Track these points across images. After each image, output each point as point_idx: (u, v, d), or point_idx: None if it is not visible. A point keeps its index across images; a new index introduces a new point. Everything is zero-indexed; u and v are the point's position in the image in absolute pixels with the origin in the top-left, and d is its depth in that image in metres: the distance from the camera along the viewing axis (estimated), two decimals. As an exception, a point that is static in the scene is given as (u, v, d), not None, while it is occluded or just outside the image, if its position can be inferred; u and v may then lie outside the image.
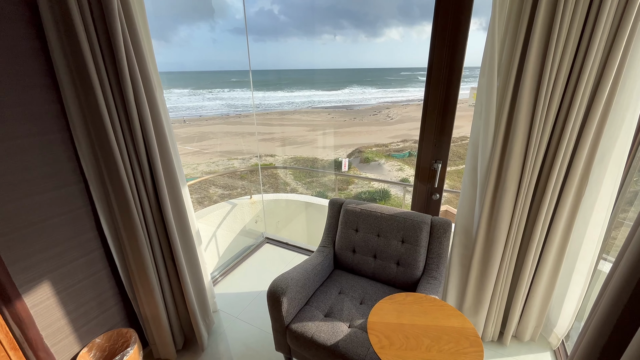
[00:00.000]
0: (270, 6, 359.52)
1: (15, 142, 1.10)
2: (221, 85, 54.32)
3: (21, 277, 1.19)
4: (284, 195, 4.07)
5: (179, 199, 1.51)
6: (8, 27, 1.03)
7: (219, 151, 20.10)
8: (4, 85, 1.05)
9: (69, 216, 1.30)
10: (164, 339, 1.64)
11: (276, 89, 48.44)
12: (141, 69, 1.24)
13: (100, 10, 1.10)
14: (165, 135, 1.39)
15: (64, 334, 1.37)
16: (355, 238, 1.79)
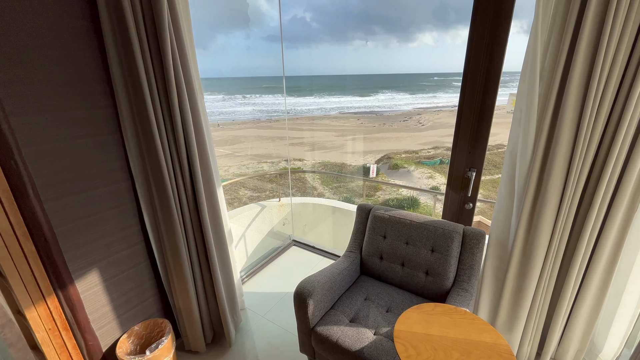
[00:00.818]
0: (302, 14, 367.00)
1: (76, 141, 1.22)
2: (253, 90, 56.11)
3: (75, 264, 1.31)
4: (311, 199, 4.11)
5: (214, 199, 1.59)
6: (76, 40, 1.16)
7: (249, 154, 20.73)
8: (70, 90, 1.17)
9: (116, 211, 1.41)
10: (194, 332, 1.72)
11: (306, 94, 49.18)
12: (185, 76, 1.33)
13: (152, 24, 1.20)
14: (204, 138, 1.47)
15: (108, 320, 1.49)
16: (383, 245, 1.77)
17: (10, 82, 1.03)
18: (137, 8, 1.16)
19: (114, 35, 1.19)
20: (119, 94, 1.26)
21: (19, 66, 1.05)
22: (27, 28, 1.04)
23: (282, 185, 7.90)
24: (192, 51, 1.41)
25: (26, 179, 1.10)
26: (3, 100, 1.02)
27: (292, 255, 2.82)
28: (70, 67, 1.16)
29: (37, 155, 1.13)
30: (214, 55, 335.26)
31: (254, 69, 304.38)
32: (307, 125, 28.88)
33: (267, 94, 50.47)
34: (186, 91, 1.34)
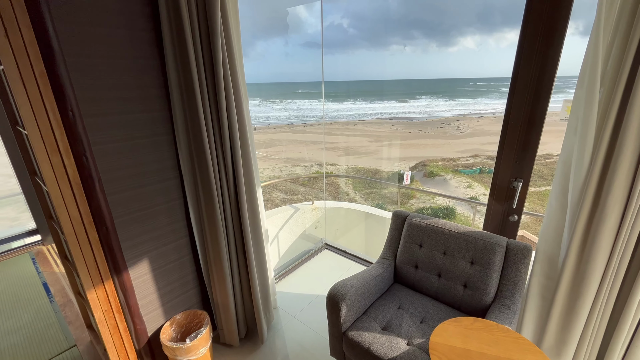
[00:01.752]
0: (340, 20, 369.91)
1: (135, 141, 1.35)
2: (290, 96, 57.42)
3: (129, 252, 1.43)
4: (344, 204, 4.11)
5: (253, 199, 1.66)
6: (141, 50, 1.28)
7: (283, 157, 21.19)
8: (133, 95, 1.30)
9: (166, 206, 1.53)
10: (230, 326, 1.79)
11: (342, 99, 49.35)
12: (233, 82, 1.41)
13: (207, 34, 1.30)
14: (247, 141, 1.55)
15: (154, 307, 1.60)
16: (419, 254, 1.73)
17: (86, 87, 1.17)
18: (194, 18, 1.26)
19: (173, 44, 1.30)
20: (174, 99, 1.37)
21: (95, 73, 1.18)
22: (103, 40, 1.18)
23: (313, 189, 7.97)
24: (240, 58, 1.49)
25: (94, 173, 1.23)
26: (80, 103, 1.16)
27: (324, 258, 2.83)
28: (134, 74, 1.29)
29: (103, 153, 1.27)
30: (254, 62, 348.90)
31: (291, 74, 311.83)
32: (341, 130, 28.94)
33: (302, 99, 51.40)
34: (233, 96, 1.42)
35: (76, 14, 1.10)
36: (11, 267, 2.83)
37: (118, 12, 1.20)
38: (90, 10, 1.13)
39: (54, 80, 1.08)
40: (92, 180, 1.23)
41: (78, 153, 1.18)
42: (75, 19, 1.10)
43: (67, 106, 1.12)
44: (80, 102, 1.16)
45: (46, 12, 1.02)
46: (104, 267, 1.35)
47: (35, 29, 1.02)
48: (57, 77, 1.08)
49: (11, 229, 3.35)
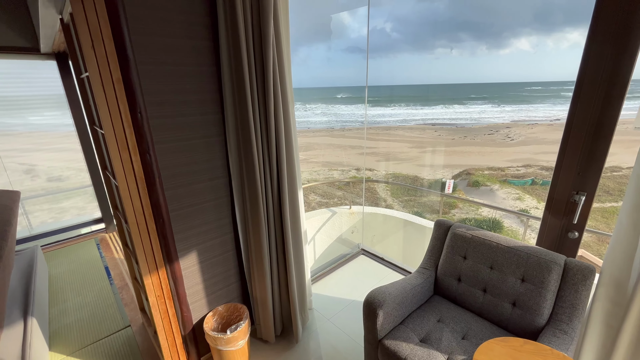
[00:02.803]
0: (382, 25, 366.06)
1: (191, 142, 1.46)
2: (329, 100, 57.93)
3: (180, 244, 1.55)
4: (382, 210, 4.05)
5: (295, 200, 1.70)
6: (200, 57, 1.39)
7: (321, 161, 21.39)
8: (191, 99, 1.41)
9: (214, 203, 1.63)
10: (267, 322, 1.85)
11: (382, 104, 48.67)
12: (282, 87, 1.47)
13: (260, 42, 1.37)
14: (292, 144, 1.60)
15: (199, 297, 1.71)
16: (463, 266, 1.64)
17: (153, 92, 1.29)
18: (248, 28, 1.34)
19: (229, 52, 1.39)
20: (227, 102, 1.46)
21: (161, 79, 1.30)
22: (169, 49, 1.30)
23: (350, 193, 7.93)
24: (289, 65, 1.55)
25: (155, 169, 1.36)
26: (147, 106, 1.28)
27: (360, 264, 2.81)
28: (193, 80, 1.40)
29: (163, 152, 1.39)
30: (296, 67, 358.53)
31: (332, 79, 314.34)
32: (381, 135, 28.52)
33: (342, 104, 51.56)
34: (281, 101, 1.48)
35: (148, 27, 1.23)
36: (79, 251, 3.20)
37: (182, 24, 1.31)
38: (160, 23, 1.25)
39: (128, 86, 1.22)
40: (153, 175, 1.35)
41: (143, 151, 1.31)
42: (147, 31, 1.23)
43: (137, 109, 1.25)
44: (147, 105, 1.29)
45: (124, 26, 1.15)
46: (159, 256, 1.48)
47: (116, 41, 1.16)
48: (130, 83, 1.22)
49: (80, 217, 3.78)
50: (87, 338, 2.01)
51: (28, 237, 3.29)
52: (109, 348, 1.93)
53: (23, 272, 2.22)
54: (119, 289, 2.53)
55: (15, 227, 1.89)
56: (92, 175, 3.41)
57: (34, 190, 3.97)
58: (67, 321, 2.17)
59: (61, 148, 3.46)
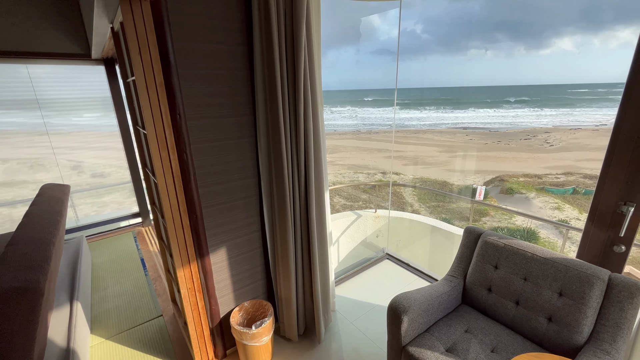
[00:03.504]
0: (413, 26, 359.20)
1: (224, 142, 1.52)
2: (357, 103, 57.68)
3: (211, 240, 1.62)
4: (408, 215, 3.97)
5: (321, 201, 1.72)
6: (235, 61, 1.46)
7: (346, 164, 21.32)
8: (226, 101, 1.48)
9: (244, 201, 1.68)
10: (290, 320, 1.88)
11: (411, 107, 47.70)
12: (312, 90, 1.50)
13: (292, 46, 1.41)
14: (320, 146, 1.62)
15: (227, 291, 1.77)
16: (494, 276, 1.58)
17: (191, 94, 1.37)
18: (281, 33, 1.39)
19: (262, 56, 1.44)
20: (259, 105, 1.52)
21: (198, 83, 1.38)
22: (206, 54, 1.37)
23: (376, 197, 7.83)
24: (319, 69, 1.58)
25: (191, 168, 1.43)
26: (185, 108, 1.36)
27: (385, 268, 2.77)
28: (228, 83, 1.46)
29: (198, 151, 1.46)
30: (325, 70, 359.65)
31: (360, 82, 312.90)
32: (409, 138, 27.92)
33: (369, 107, 51.14)
34: (311, 104, 1.51)
35: (189, 33, 1.30)
36: (118, 243, 3.43)
37: (220, 30, 1.38)
38: (200, 30, 1.33)
39: (169, 89, 1.30)
40: (188, 173, 1.43)
41: (180, 150, 1.39)
42: (187, 37, 1.30)
43: (176, 110, 1.33)
44: (185, 107, 1.36)
45: (168, 33, 1.23)
46: (191, 250, 1.56)
47: (160, 47, 1.24)
48: (171, 86, 1.30)
49: (119, 211, 4.04)
50: (124, 324, 2.15)
51: (75, 227, 3.57)
52: (143, 335, 2.05)
53: (70, 259, 2.41)
54: (153, 280, 2.68)
55: (65, 217, 2.07)
56: (131, 172, 3.65)
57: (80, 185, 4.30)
58: (107, 307, 2.34)
59: (104, 147, 3.74)
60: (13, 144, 4.25)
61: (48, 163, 3.62)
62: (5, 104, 3.00)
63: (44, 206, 1.93)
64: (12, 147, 4.21)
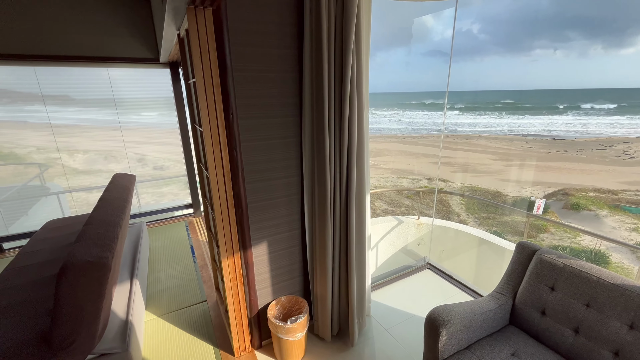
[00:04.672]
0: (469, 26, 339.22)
1: (271, 141, 1.59)
2: (404, 106, 56.07)
3: (254, 234, 1.69)
4: (454, 225, 3.76)
5: (362, 204, 1.72)
6: (285, 64, 1.51)
7: (390, 168, 20.82)
8: (275, 102, 1.54)
9: (286, 199, 1.74)
10: (325, 320, 1.90)
11: (463, 111, 45.09)
12: (358, 92, 1.51)
13: (341, 48, 1.43)
14: (363, 149, 1.62)
15: (265, 285, 1.84)
16: (549, 298, 1.44)
17: (243, 95, 1.45)
18: (331, 36, 1.41)
19: (311, 58, 1.48)
20: (305, 106, 1.56)
21: (250, 84, 1.46)
22: (259, 58, 1.44)
23: (419, 204, 7.54)
24: (367, 70, 1.58)
25: (239, 165, 1.52)
26: (238, 108, 1.45)
27: (425, 278, 2.66)
28: (278, 85, 1.53)
29: (247, 149, 1.54)
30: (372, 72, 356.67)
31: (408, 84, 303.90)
32: (459, 144, 26.43)
33: (417, 110, 49.40)
34: (356, 106, 1.52)
35: (244, 38, 1.38)
36: (172, 230, 3.74)
37: (273, 35, 1.45)
38: (254, 35, 1.40)
39: (224, 90, 1.39)
40: (237, 170, 1.52)
41: (231, 147, 1.49)
42: (243, 42, 1.39)
43: (229, 110, 1.42)
44: (237, 107, 1.45)
45: (226, 38, 1.33)
46: (235, 242, 1.65)
47: (218, 52, 1.34)
48: (226, 88, 1.39)
49: (174, 201, 4.41)
50: (173, 305, 2.35)
51: (137, 213, 3.98)
52: (189, 317, 2.21)
53: (132, 241, 2.70)
54: (200, 267, 2.88)
55: (130, 204, 2.32)
56: (187, 166, 3.97)
57: (143, 175, 4.75)
58: (160, 288, 2.57)
59: (165, 142, 4.10)
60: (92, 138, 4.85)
61: (119, 155, 4.07)
62: (88, 102, 3.45)
63: (115, 193, 2.19)
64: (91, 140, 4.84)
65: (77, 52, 3.08)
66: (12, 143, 3.85)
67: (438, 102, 60.05)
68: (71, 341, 1.34)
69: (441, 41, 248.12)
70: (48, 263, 2.14)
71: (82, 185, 4.46)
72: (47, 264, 2.12)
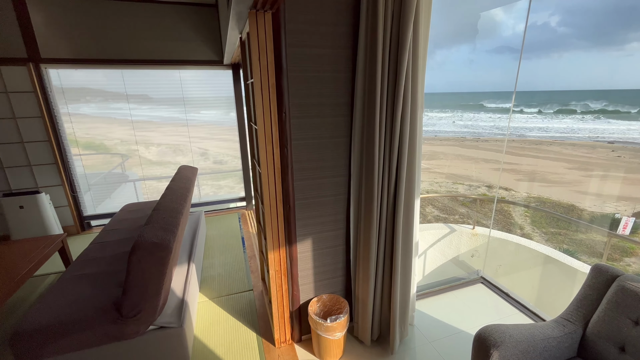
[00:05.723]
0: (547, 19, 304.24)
1: (322, 140, 1.61)
2: (465, 107, 52.46)
3: (300, 230, 1.74)
4: (515, 238, 3.42)
5: (410, 208, 1.65)
6: (338, 64, 1.52)
7: (445, 172, 19.65)
8: (327, 102, 1.56)
9: (333, 198, 1.75)
10: (365, 323, 1.87)
11: (534, 113, 40.67)
12: (412, 93, 1.45)
13: (396, 47, 1.39)
14: (415, 151, 1.55)
15: (308, 281, 1.88)
16: (631, 333, 1.23)
17: (297, 95, 1.50)
18: (387, 35, 1.38)
19: (365, 58, 1.47)
20: (357, 106, 1.55)
21: (304, 84, 1.49)
22: (314, 58, 1.47)
23: (476, 212, 7.00)
24: (423, 70, 1.51)
25: (289, 162, 1.57)
26: (290, 107, 1.50)
27: (477, 293, 2.47)
28: (331, 85, 1.54)
29: (298, 147, 1.59)
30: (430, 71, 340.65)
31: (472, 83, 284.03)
32: (527, 150, 23.89)
33: (480, 111, 45.87)
34: (410, 107, 1.46)
35: (300, 39, 1.42)
36: (227, 220, 4.01)
37: (328, 35, 1.46)
38: (309, 35, 1.43)
39: (278, 90, 1.45)
40: (287, 167, 1.57)
41: (282, 145, 1.54)
42: (298, 43, 1.43)
43: (283, 109, 1.48)
44: (290, 107, 1.50)
45: (283, 40, 1.38)
46: (282, 236, 1.71)
47: (275, 53, 1.40)
48: (280, 88, 1.45)
49: (230, 194, 4.72)
50: (222, 290, 2.52)
51: (197, 203, 4.35)
52: (236, 303, 2.36)
53: (191, 228, 2.96)
54: (249, 257, 3.05)
55: (192, 193, 2.54)
56: (242, 162, 4.22)
57: (204, 168, 5.14)
58: (212, 273, 2.78)
59: (224, 139, 4.40)
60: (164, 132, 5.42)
61: (185, 149, 4.47)
62: (162, 101, 3.87)
63: (179, 183, 2.42)
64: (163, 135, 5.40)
65: (155, 56, 3.48)
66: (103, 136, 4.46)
67: (505, 102, 54.97)
68: (137, 311, 1.51)
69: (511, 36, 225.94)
70: (124, 241, 2.45)
71: (154, 174, 5.01)
72: (123, 242, 2.43)
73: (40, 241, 2.52)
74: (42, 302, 1.65)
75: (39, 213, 3.26)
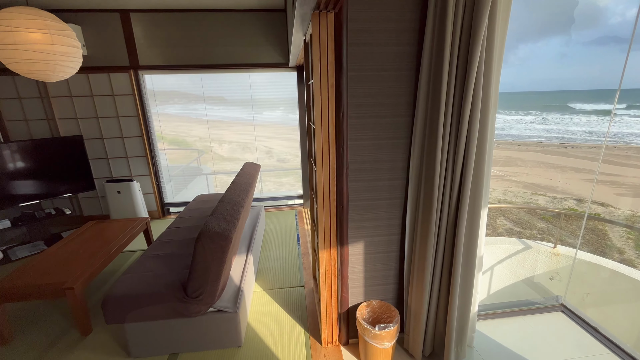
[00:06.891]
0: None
1: (379, 141, 1.56)
2: (551, 108, 46.03)
3: (352, 232, 1.71)
4: (611, 264, 2.88)
5: (475, 219, 1.50)
6: (401, 62, 1.45)
7: (522, 181, 17.49)
8: (387, 101, 1.50)
9: (388, 202, 1.68)
10: (416, 337, 1.76)
11: (645, 115, 33.70)
12: (484, 92, 1.31)
13: (467, 43, 1.27)
14: (484, 156, 1.40)
15: (358, 284, 1.84)
16: None
17: (355, 95, 1.47)
18: (457, 30, 1.27)
19: (430, 55, 1.37)
20: (419, 106, 1.46)
21: (363, 84, 1.46)
22: (374, 56, 1.43)
23: (560, 229, 6.08)
24: (498, 67, 1.36)
25: (345, 163, 1.56)
26: (349, 107, 1.48)
27: (555, 322, 2.13)
28: (392, 84, 1.48)
29: (354, 148, 1.56)
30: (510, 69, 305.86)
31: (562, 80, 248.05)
32: (633, 159, 19.92)
33: (571, 113, 39.78)
34: (480, 107, 1.33)
35: (361, 38, 1.40)
36: (285, 216, 4.17)
37: (391, 32, 1.40)
38: (371, 34, 1.40)
39: (337, 90, 1.45)
40: (342, 167, 1.56)
41: (339, 145, 1.54)
42: (359, 42, 1.40)
43: (341, 109, 1.47)
44: (348, 107, 1.48)
45: (344, 40, 1.37)
46: (334, 237, 1.71)
47: (336, 53, 1.39)
48: (339, 88, 1.44)
49: (289, 191, 4.90)
50: (276, 283, 2.63)
51: (259, 198, 4.62)
52: (287, 297, 2.43)
53: (252, 221, 3.15)
54: (303, 254, 3.12)
55: (254, 188, 2.70)
56: (302, 161, 4.34)
57: (268, 166, 5.45)
58: (268, 265, 2.91)
59: (287, 138, 4.58)
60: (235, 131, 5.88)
61: (252, 146, 4.78)
62: (234, 102, 4.21)
63: (243, 178, 2.59)
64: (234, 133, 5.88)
65: (230, 61, 3.81)
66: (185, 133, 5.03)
67: (603, 102, 46.67)
68: (199, 293, 1.66)
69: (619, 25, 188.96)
70: (194, 228, 2.72)
71: (224, 169, 5.47)
72: (193, 229, 2.70)
73: (131, 222, 2.95)
74: (127, 274, 1.92)
75: (131, 198, 3.83)
